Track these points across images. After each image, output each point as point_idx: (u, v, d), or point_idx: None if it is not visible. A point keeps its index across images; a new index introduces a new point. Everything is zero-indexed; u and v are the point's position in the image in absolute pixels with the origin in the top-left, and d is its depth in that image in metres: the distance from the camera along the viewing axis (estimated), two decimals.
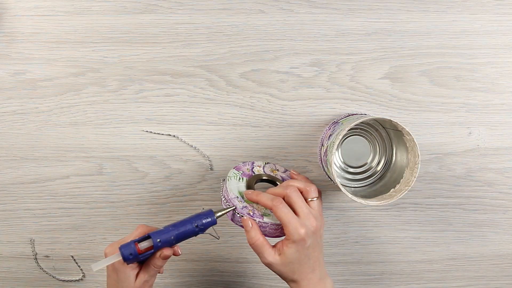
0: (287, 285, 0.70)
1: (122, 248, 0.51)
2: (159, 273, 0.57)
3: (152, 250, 0.52)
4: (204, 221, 0.53)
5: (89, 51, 0.64)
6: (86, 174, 0.66)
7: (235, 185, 0.57)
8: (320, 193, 0.57)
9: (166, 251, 0.53)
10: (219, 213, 0.54)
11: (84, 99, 0.65)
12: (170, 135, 0.65)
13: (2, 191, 0.67)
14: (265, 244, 0.52)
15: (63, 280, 0.69)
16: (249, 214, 0.54)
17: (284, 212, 0.51)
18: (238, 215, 0.54)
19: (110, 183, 0.67)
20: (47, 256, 0.69)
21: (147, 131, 0.65)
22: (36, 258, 0.69)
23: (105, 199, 0.67)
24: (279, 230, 0.55)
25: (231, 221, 0.56)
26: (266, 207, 0.54)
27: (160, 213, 0.67)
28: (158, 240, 0.52)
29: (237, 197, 0.55)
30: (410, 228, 0.68)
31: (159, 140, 0.66)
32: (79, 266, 0.69)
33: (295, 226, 0.51)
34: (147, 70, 0.65)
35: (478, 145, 0.66)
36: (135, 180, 0.67)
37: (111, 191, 0.67)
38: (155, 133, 0.65)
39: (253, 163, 0.63)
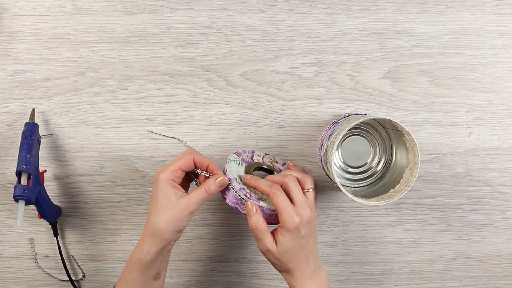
0: (286, 284, 0.70)
1: (16, 193, 0.57)
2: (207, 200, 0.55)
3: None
4: (31, 131, 0.62)
5: (89, 51, 0.64)
6: (86, 174, 0.66)
7: (235, 168, 0.58)
8: (315, 185, 0.58)
9: (225, 178, 0.54)
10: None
11: (84, 99, 0.65)
12: (175, 138, 0.65)
13: (2, 191, 0.67)
14: (266, 230, 0.53)
15: (63, 280, 0.69)
16: (246, 196, 0.54)
17: (281, 199, 0.52)
18: (236, 193, 0.54)
19: (110, 183, 0.67)
20: (47, 256, 0.69)
21: (152, 132, 0.65)
22: (36, 258, 0.69)
23: (105, 199, 0.67)
24: (273, 217, 0.55)
25: (226, 203, 0.56)
26: (263, 193, 0.54)
27: None
28: (22, 165, 0.58)
29: (236, 178, 0.56)
30: (410, 228, 0.68)
31: (159, 140, 0.66)
32: (79, 266, 0.69)
33: (290, 214, 0.51)
34: (147, 70, 0.65)
35: (478, 145, 0.66)
36: (135, 180, 0.67)
37: (111, 191, 0.67)
38: (160, 134, 0.65)
39: (253, 151, 0.63)
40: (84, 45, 0.64)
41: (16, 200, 0.58)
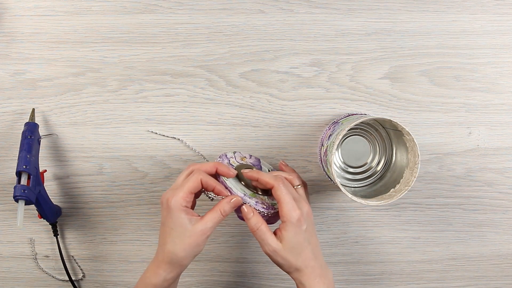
0: (286, 284, 0.69)
1: (16, 193, 0.57)
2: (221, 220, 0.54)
3: None
4: (31, 131, 0.61)
5: (89, 51, 0.64)
6: (86, 174, 0.66)
7: (233, 182, 0.57)
8: (305, 183, 0.59)
9: (239, 198, 0.53)
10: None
11: (84, 99, 0.65)
12: (174, 138, 0.65)
13: (2, 191, 0.67)
14: (268, 230, 0.53)
15: (63, 280, 0.69)
16: (263, 208, 0.54)
17: (285, 192, 0.52)
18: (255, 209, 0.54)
19: (110, 183, 0.67)
20: (47, 256, 0.69)
21: (152, 132, 0.65)
22: (36, 258, 0.69)
23: (105, 199, 0.67)
24: (272, 217, 0.56)
25: (241, 219, 0.56)
26: (267, 185, 0.54)
27: (160, 213, 0.67)
28: (22, 165, 0.58)
29: (245, 194, 0.55)
30: (410, 228, 0.68)
31: (159, 140, 0.66)
32: (79, 266, 0.69)
33: (293, 206, 0.52)
34: (147, 70, 0.65)
35: (478, 145, 0.66)
36: (135, 180, 0.67)
37: (111, 191, 0.67)
38: (160, 134, 0.65)
39: (225, 155, 0.61)
40: (84, 45, 0.64)
41: (16, 200, 0.58)
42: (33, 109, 0.64)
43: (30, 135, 0.61)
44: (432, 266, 0.69)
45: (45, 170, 0.65)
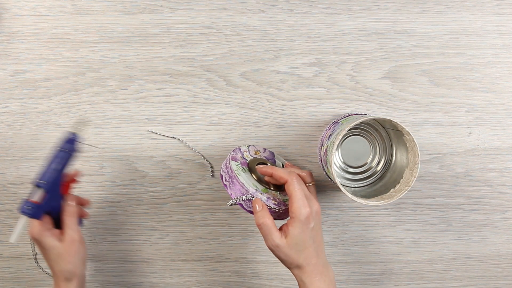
0: (286, 284, 0.69)
1: (22, 206, 0.54)
2: (82, 222, 0.57)
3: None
4: (67, 143, 0.56)
5: (89, 51, 0.64)
6: (86, 174, 0.66)
7: (245, 177, 0.57)
8: (314, 179, 0.59)
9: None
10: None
11: (84, 99, 0.65)
12: (174, 138, 0.65)
13: (2, 191, 0.67)
14: (273, 225, 0.53)
15: None
16: (275, 204, 0.54)
17: (297, 187, 0.53)
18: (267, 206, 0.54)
19: (110, 183, 0.67)
20: None
21: (152, 132, 0.65)
22: (36, 258, 0.69)
23: (105, 199, 0.67)
24: (282, 212, 0.56)
25: (239, 205, 0.56)
26: (280, 180, 0.54)
27: (160, 213, 0.68)
28: (40, 180, 0.54)
29: (256, 189, 0.55)
30: (410, 228, 0.68)
31: (159, 140, 0.66)
32: None
33: (304, 204, 0.52)
34: (147, 70, 0.65)
35: (478, 145, 0.66)
36: (135, 180, 0.67)
37: (111, 191, 0.67)
38: (160, 134, 0.65)
39: (239, 149, 0.62)
40: (84, 45, 0.64)
41: (23, 210, 0.54)
42: (87, 118, 0.60)
43: (67, 149, 0.55)
44: (432, 266, 0.69)
45: (74, 180, 0.59)
